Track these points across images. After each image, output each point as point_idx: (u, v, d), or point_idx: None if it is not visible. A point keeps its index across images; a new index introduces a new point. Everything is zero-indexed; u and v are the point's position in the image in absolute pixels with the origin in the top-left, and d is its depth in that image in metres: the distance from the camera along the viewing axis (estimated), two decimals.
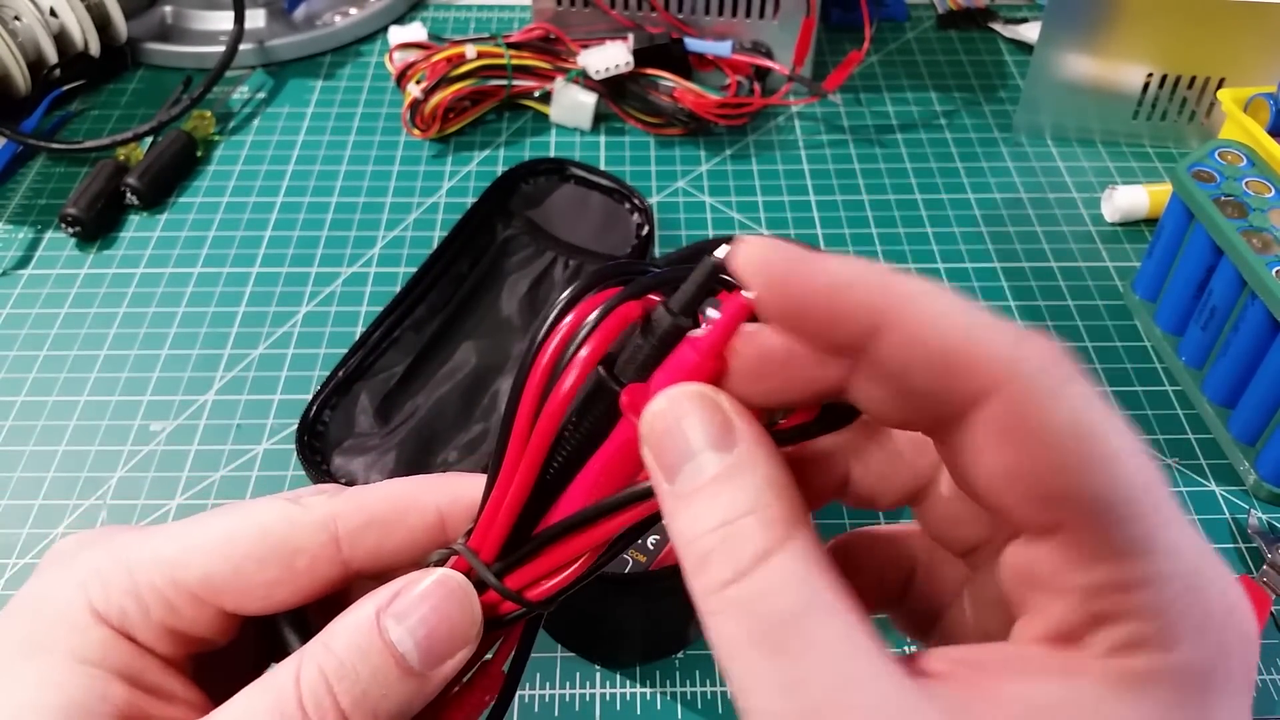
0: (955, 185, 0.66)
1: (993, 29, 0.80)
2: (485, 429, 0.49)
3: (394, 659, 0.21)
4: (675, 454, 0.18)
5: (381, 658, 0.20)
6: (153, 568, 0.22)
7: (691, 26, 0.71)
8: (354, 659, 0.20)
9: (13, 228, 0.63)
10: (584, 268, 0.56)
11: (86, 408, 0.52)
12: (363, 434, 0.48)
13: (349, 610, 0.21)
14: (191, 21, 0.77)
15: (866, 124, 0.72)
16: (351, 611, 0.21)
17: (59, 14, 0.69)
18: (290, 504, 0.23)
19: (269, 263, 0.60)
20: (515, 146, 0.69)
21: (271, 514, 0.23)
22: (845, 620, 0.16)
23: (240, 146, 0.69)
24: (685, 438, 0.18)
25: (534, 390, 0.20)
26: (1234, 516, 0.48)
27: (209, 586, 0.22)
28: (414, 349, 0.52)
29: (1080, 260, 0.61)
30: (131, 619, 0.21)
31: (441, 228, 0.63)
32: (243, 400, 0.53)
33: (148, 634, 0.22)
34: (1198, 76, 0.66)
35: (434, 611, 0.21)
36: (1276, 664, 0.42)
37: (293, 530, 0.22)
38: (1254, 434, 0.49)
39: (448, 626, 0.21)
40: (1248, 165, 0.52)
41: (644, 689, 0.42)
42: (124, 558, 0.22)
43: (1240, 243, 0.48)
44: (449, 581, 0.21)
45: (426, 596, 0.21)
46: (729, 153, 0.69)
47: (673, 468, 0.18)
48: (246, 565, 0.22)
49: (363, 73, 0.75)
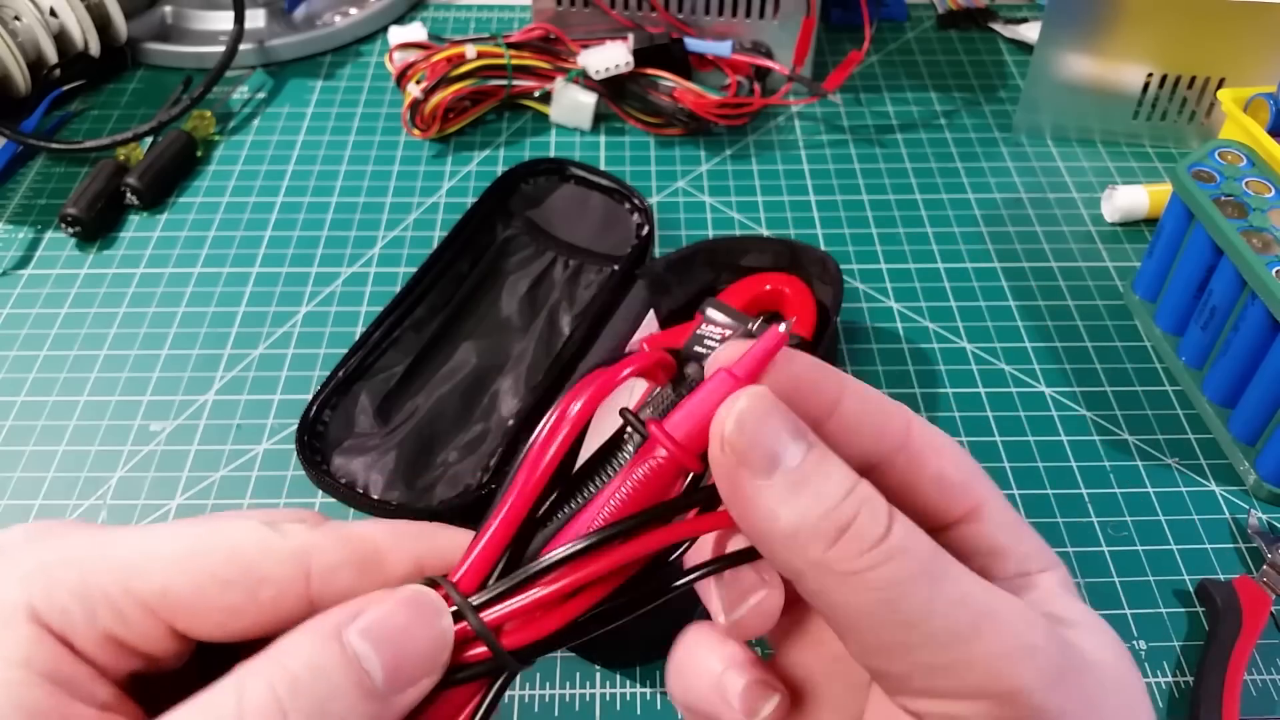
0: (955, 185, 0.66)
1: (993, 29, 0.80)
2: (485, 429, 0.49)
3: (356, 677, 0.19)
4: (772, 445, 0.19)
5: (342, 674, 0.19)
6: (106, 570, 0.20)
7: (691, 26, 0.71)
8: (309, 675, 0.18)
9: (13, 228, 0.63)
10: (584, 267, 0.56)
11: (86, 408, 0.52)
12: (363, 434, 0.48)
13: (305, 624, 0.19)
14: (191, 21, 0.77)
15: (866, 124, 0.72)
16: (309, 625, 0.19)
17: (59, 14, 0.69)
18: (266, 528, 0.21)
19: (269, 263, 0.60)
20: (515, 146, 0.69)
21: (244, 535, 0.21)
22: (945, 551, 0.20)
23: (240, 146, 0.69)
24: (779, 424, 0.20)
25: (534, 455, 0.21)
26: (1234, 516, 0.48)
27: (164, 600, 0.20)
28: (414, 349, 0.52)
29: (1080, 260, 0.61)
30: (74, 621, 0.20)
31: (441, 228, 0.63)
32: (243, 400, 0.53)
33: (89, 640, 0.20)
34: (1198, 76, 0.66)
35: (403, 630, 0.19)
36: (1276, 664, 0.42)
37: (264, 557, 0.21)
38: (1254, 434, 0.49)
39: (416, 647, 0.19)
40: (1248, 165, 0.52)
41: (644, 689, 0.42)
42: (77, 556, 0.20)
43: (1240, 243, 0.48)
44: (421, 599, 0.20)
45: (396, 612, 0.19)
46: (729, 153, 0.69)
47: (773, 457, 0.19)
48: (209, 585, 0.20)
49: (363, 73, 0.76)
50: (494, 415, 0.49)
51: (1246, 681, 0.42)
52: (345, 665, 0.19)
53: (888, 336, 0.56)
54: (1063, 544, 0.47)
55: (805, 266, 0.54)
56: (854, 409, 0.21)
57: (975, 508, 0.22)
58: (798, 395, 0.21)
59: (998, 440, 0.51)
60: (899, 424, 0.22)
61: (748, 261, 0.55)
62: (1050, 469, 0.50)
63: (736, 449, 0.19)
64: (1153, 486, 0.49)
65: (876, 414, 0.22)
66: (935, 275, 0.60)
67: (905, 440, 0.22)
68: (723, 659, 0.22)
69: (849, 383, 0.22)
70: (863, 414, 0.22)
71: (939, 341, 0.56)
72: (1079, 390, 0.53)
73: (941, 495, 0.22)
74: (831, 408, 0.21)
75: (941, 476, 0.22)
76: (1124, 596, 0.45)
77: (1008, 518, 0.22)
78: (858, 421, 0.21)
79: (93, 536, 0.21)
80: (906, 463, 0.22)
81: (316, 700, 0.18)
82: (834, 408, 0.21)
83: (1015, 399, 0.53)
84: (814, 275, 0.54)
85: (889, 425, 0.22)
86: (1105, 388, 0.54)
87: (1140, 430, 0.52)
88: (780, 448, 0.19)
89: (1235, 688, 0.40)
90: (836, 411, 0.21)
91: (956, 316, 0.57)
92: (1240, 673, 0.41)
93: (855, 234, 0.63)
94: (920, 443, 0.22)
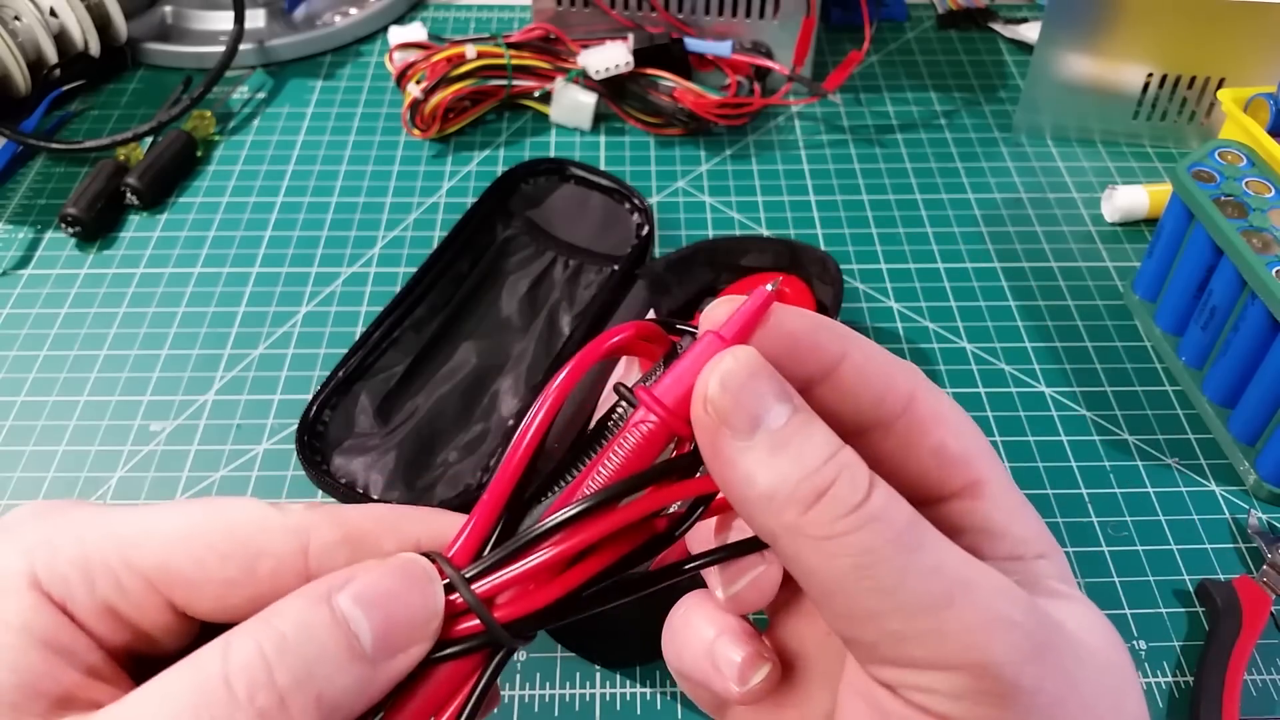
0: (955, 185, 0.66)
1: (993, 29, 0.80)
2: (485, 429, 0.49)
3: (345, 640, 0.19)
4: (755, 407, 0.19)
5: (330, 636, 0.19)
6: (107, 542, 0.20)
7: (691, 26, 0.71)
8: (297, 636, 0.18)
9: (13, 228, 0.63)
10: (584, 267, 0.56)
11: (86, 408, 0.52)
12: (363, 434, 0.48)
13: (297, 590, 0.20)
14: (191, 21, 0.77)
15: (866, 124, 0.72)
16: (300, 589, 0.20)
17: (59, 14, 0.69)
18: (265, 505, 0.21)
19: (269, 263, 0.60)
20: (515, 146, 0.69)
21: (243, 511, 0.21)
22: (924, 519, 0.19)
23: (240, 146, 0.69)
24: (763, 385, 0.19)
25: None
26: (1234, 516, 0.48)
27: (163, 572, 0.20)
28: (414, 349, 0.52)
29: (1080, 260, 0.61)
30: (74, 590, 0.20)
31: (441, 228, 0.63)
32: (243, 400, 0.53)
33: (89, 610, 0.20)
34: (1198, 76, 0.66)
35: (394, 595, 0.19)
36: (1277, 664, 0.42)
37: (262, 532, 0.21)
38: (1254, 434, 0.49)
39: (407, 613, 0.19)
40: (1248, 165, 0.52)
41: (644, 689, 0.42)
42: (79, 529, 0.21)
43: (1240, 243, 0.48)
44: (413, 566, 0.20)
45: (387, 577, 0.20)
46: (729, 153, 0.69)
47: (755, 419, 0.19)
48: (207, 558, 0.20)
49: (363, 73, 0.75)
50: (494, 415, 0.49)
51: (1246, 681, 0.42)
52: (334, 627, 0.19)
53: (888, 336, 0.56)
54: (1063, 544, 0.46)
55: (805, 266, 0.54)
56: (855, 370, 0.21)
57: (974, 483, 0.22)
58: (793, 354, 0.21)
59: (998, 440, 0.51)
60: (903, 389, 0.21)
61: (748, 261, 0.55)
62: (1050, 469, 0.50)
63: (719, 408, 0.19)
64: (1153, 486, 0.49)
65: (879, 377, 0.21)
66: (935, 275, 0.60)
67: (908, 406, 0.21)
68: (716, 626, 0.23)
69: (855, 342, 0.21)
70: (865, 376, 0.21)
71: (939, 341, 0.56)
72: (1079, 390, 0.53)
73: (939, 466, 0.22)
74: (831, 367, 0.21)
75: (942, 448, 0.22)
76: (1124, 596, 0.45)
77: (1009, 499, 0.22)
78: (858, 383, 0.21)
79: (93, 512, 0.21)
80: (906, 429, 0.21)
81: (304, 661, 0.18)
82: (834, 367, 0.21)
83: (1015, 399, 0.53)
84: (814, 275, 0.54)
85: (892, 389, 0.21)
86: (1105, 388, 0.54)
87: (1140, 430, 0.52)
88: (763, 410, 0.19)
89: (1235, 688, 0.40)
90: (836, 372, 0.21)
91: (956, 316, 0.57)
92: (1240, 673, 0.41)
93: (855, 234, 0.63)
94: (924, 410, 0.22)
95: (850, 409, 0.21)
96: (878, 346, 0.22)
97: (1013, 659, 0.18)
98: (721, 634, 0.22)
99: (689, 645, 0.23)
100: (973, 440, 0.22)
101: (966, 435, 0.22)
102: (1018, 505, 0.22)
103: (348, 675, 0.19)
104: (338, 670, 0.18)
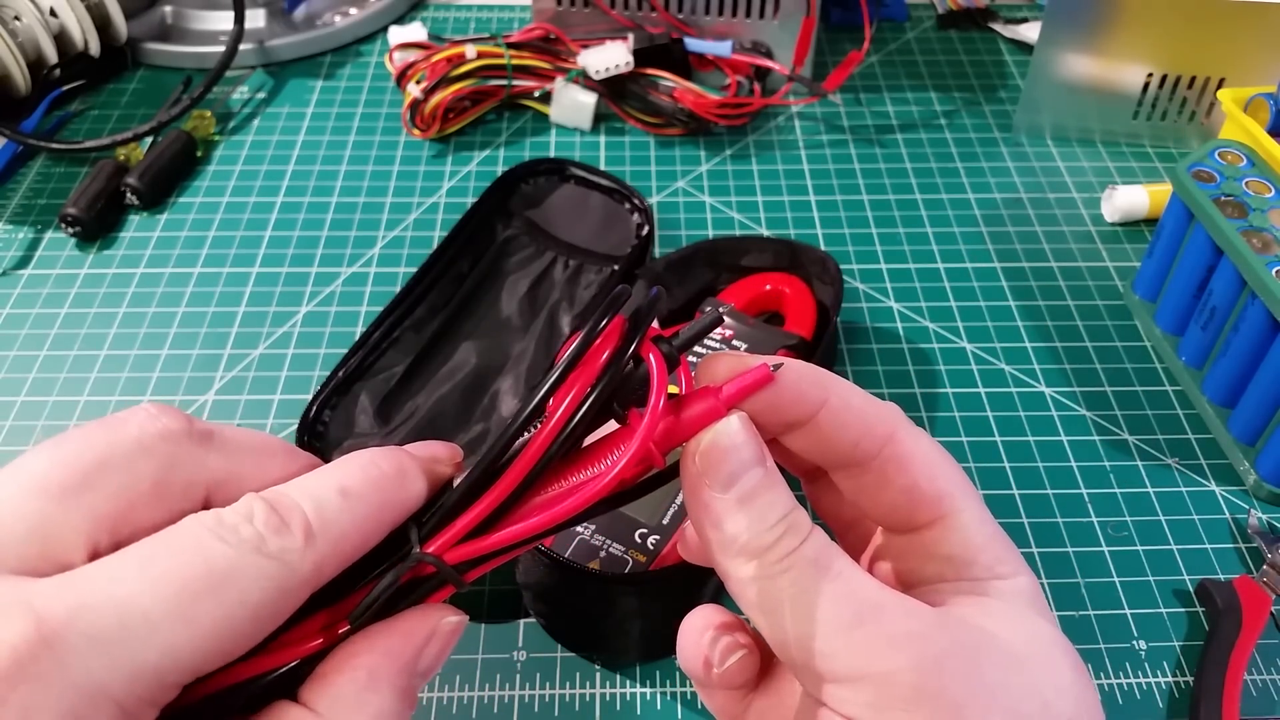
0: (955, 185, 0.66)
1: (993, 29, 0.80)
2: (485, 429, 0.49)
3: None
4: (736, 465, 0.23)
5: None
6: (138, 683, 0.18)
7: (691, 26, 0.71)
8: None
9: (13, 228, 0.63)
10: (584, 267, 0.56)
11: (86, 408, 0.52)
12: (363, 434, 0.48)
13: None
14: (191, 21, 0.77)
15: (866, 124, 0.72)
16: None
17: (59, 14, 0.69)
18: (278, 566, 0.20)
19: (269, 263, 0.60)
20: (515, 146, 0.69)
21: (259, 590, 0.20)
22: (848, 559, 0.23)
23: (240, 146, 0.69)
24: (745, 453, 0.23)
25: None
26: (1234, 516, 0.48)
27: (194, 672, 0.19)
28: (414, 349, 0.52)
29: (1080, 260, 0.61)
30: None
31: (441, 228, 0.63)
32: (243, 400, 0.53)
33: None
34: (1198, 76, 0.66)
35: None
36: (1277, 664, 0.42)
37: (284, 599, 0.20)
38: (1254, 434, 0.49)
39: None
40: (1248, 165, 0.52)
41: (644, 689, 0.42)
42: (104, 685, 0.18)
43: (1240, 243, 0.48)
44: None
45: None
46: (729, 153, 0.69)
47: (734, 475, 0.23)
48: (235, 646, 0.20)
49: (363, 73, 0.76)
50: (494, 415, 0.49)
51: (1246, 681, 0.42)
52: None
53: (888, 336, 0.56)
54: (1063, 544, 0.47)
55: (805, 266, 0.54)
56: (833, 416, 0.24)
57: (944, 516, 0.25)
58: (776, 407, 0.24)
59: (998, 440, 0.51)
60: (880, 431, 0.25)
61: (748, 261, 0.55)
62: (1050, 469, 0.50)
63: (707, 463, 0.23)
64: (1153, 486, 0.49)
65: (856, 421, 0.24)
66: (935, 275, 0.60)
67: (885, 446, 0.25)
68: (708, 624, 0.27)
69: (835, 389, 0.24)
70: (842, 421, 0.24)
71: (939, 341, 0.56)
72: (1079, 390, 0.53)
73: (909, 503, 0.25)
74: (811, 414, 0.24)
75: (914, 487, 0.25)
76: (1124, 596, 0.45)
77: (981, 530, 0.25)
78: (836, 428, 0.24)
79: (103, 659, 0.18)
80: (882, 467, 0.25)
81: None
82: (814, 414, 0.24)
83: (1015, 399, 0.53)
84: (814, 275, 0.54)
85: (869, 433, 0.24)
86: (1105, 388, 0.54)
87: (1140, 430, 0.52)
88: (741, 472, 0.23)
89: (1235, 687, 0.40)
90: (815, 418, 0.24)
91: (956, 316, 0.57)
92: (1240, 673, 0.41)
93: (855, 234, 0.63)
94: (901, 450, 0.25)
95: (827, 450, 0.25)
96: (858, 390, 0.25)
97: (914, 666, 0.21)
98: (709, 628, 0.27)
99: (688, 640, 0.27)
100: (945, 479, 0.25)
101: (940, 475, 0.25)
102: (989, 536, 0.25)
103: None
104: None
